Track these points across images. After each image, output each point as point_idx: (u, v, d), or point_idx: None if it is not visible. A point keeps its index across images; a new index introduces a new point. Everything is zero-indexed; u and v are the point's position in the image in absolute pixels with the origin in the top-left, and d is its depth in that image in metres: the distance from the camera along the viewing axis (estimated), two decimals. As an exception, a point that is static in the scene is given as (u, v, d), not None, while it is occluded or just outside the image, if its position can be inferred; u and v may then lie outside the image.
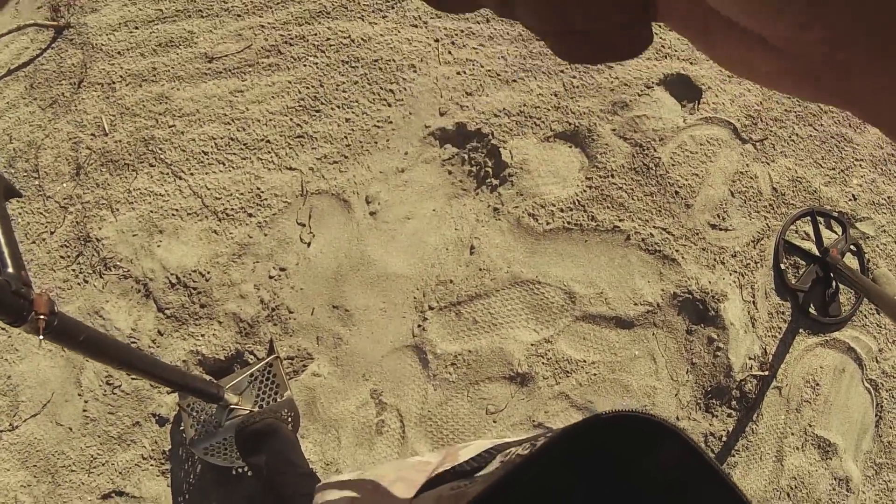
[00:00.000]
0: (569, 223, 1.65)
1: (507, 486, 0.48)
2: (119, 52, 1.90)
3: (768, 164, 1.71)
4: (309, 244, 1.63)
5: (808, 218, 1.72)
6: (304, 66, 1.82)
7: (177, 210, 1.68)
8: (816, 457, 1.58)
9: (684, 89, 1.75)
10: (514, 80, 1.76)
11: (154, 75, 1.85)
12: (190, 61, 1.86)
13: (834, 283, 1.65)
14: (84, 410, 1.54)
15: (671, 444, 0.46)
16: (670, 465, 0.48)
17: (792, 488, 1.55)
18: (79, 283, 1.64)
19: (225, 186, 1.69)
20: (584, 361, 1.55)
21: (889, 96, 0.22)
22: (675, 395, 1.56)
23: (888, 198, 1.73)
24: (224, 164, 1.72)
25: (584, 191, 1.68)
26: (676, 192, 1.69)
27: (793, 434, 1.58)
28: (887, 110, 0.22)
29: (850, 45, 0.21)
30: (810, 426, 1.59)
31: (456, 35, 1.85)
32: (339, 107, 1.77)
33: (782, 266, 1.67)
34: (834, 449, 1.58)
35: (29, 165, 1.84)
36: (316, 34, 1.86)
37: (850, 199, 1.76)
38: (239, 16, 1.90)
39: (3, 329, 1.66)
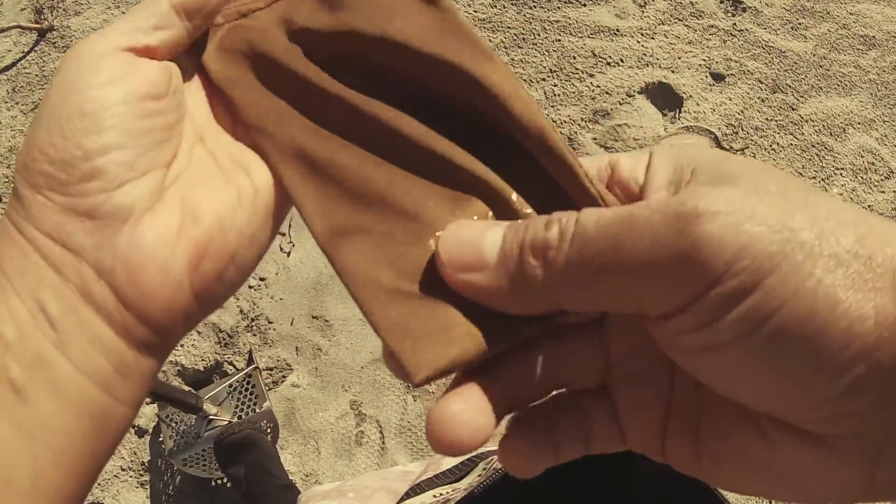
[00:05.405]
0: (548, 234, 1.64)
1: (491, 494, 0.48)
2: (100, 58, 1.89)
3: (749, 173, 1.71)
4: (289, 254, 1.63)
5: (789, 227, 1.72)
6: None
7: (157, 219, 1.68)
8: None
9: (665, 98, 1.74)
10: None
11: (135, 81, 1.84)
12: (172, 67, 1.85)
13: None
14: (63, 420, 1.54)
15: None
16: (654, 475, 0.48)
17: (770, 496, 1.57)
18: (59, 292, 1.64)
19: (206, 195, 1.69)
20: (563, 372, 1.56)
21: None
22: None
23: (868, 206, 1.73)
24: (205, 173, 1.71)
25: (564, 201, 1.68)
26: (657, 202, 1.69)
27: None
28: None
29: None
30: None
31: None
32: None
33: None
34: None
35: (9, 171, 1.84)
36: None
37: (830, 209, 1.76)
38: (221, 21, 1.89)
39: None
